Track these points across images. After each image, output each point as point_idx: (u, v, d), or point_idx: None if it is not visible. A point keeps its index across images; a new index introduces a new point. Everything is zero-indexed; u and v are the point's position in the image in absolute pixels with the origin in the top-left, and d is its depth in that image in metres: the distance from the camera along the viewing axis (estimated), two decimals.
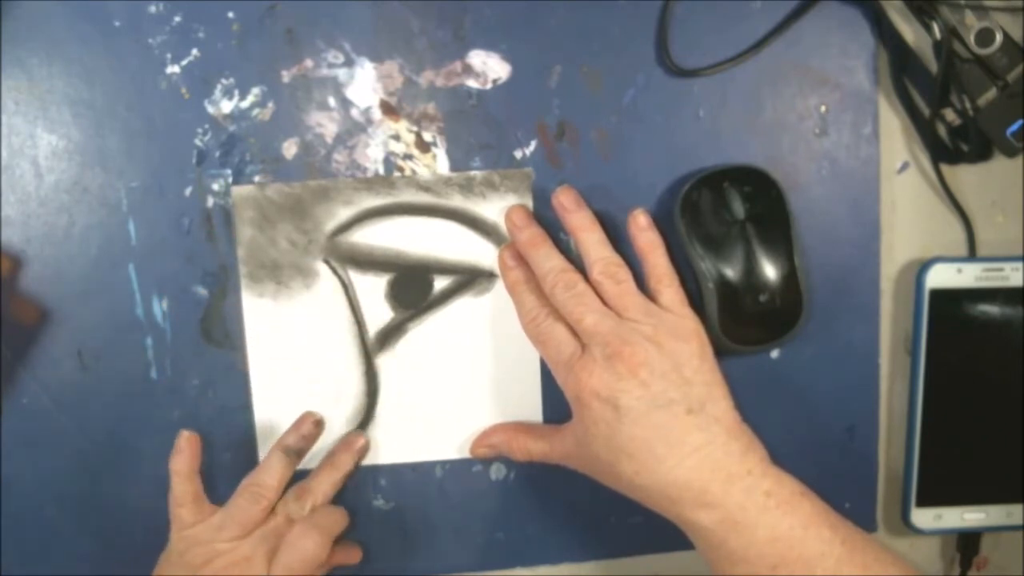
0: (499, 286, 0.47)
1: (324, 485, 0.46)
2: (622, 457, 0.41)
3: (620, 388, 0.41)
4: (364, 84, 0.46)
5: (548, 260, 0.44)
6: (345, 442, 0.47)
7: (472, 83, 0.46)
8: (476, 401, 0.48)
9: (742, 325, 0.46)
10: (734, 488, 0.40)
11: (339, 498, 0.47)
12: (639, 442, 0.40)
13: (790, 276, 0.45)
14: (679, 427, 0.40)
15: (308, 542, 0.43)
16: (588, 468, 0.44)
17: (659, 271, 0.44)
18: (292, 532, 0.43)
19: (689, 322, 0.43)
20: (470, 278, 0.47)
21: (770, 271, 0.45)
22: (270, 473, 0.45)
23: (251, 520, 0.44)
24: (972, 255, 0.50)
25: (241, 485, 0.45)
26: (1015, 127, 0.46)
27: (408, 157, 0.46)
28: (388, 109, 0.46)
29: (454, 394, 0.48)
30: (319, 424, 0.47)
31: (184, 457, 0.45)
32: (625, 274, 0.43)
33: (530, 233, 0.45)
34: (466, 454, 0.48)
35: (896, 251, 0.50)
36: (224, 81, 0.45)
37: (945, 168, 0.49)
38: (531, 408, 0.48)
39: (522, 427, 0.47)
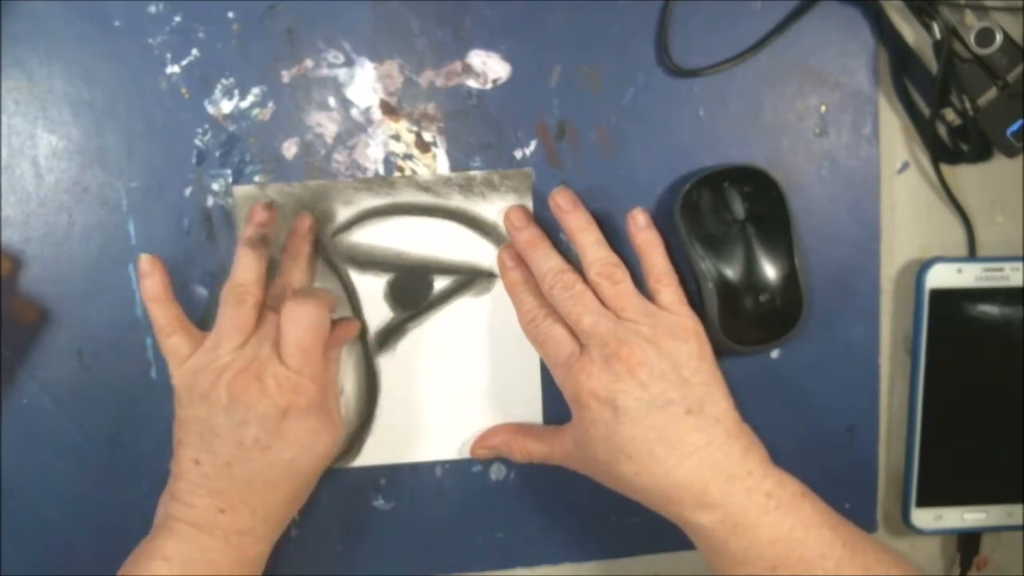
0: (499, 286, 0.47)
1: (294, 274, 0.45)
2: (621, 458, 0.41)
3: (618, 389, 0.41)
4: (364, 84, 0.46)
5: (547, 260, 0.44)
6: (292, 229, 0.45)
7: (472, 83, 0.46)
8: (476, 401, 0.48)
9: (742, 325, 0.46)
10: (734, 489, 0.40)
11: (339, 498, 0.47)
12: (638, 443, 0.40)
13: (790, 276, 0.45)
14: (678, 428, 0.40)
15: (305, 307, 0.42)
16: (588, 469, 0.44)
17: (658, 270, 0.44)
18: (285, 309, 0.42)
19: (688, 321, 0.43)
20: (470, 278, 0.47)
21: (770, 271, 0.45)
22: (244, 270, 0.43)
23: (244, 323, 0.42)
24: (972, 255, 0.50)
25: (222, 294, 0.43)
26: (1015, 127, 0.46)
27: (408, 157, 0.46)
28: (388, 109, 0.46)
29: (454, 394, 0.48)
30: (270, 207, 0.45)
31: (155, 280, 0.43)
32: (623, 274, 0.43)
33: (529, 233, 0.45)
34: (466, 454, 0.48)
35: (896, 251, 0.50)
36: (224, 81, 0.45)
37: (945, 168, 0.49)
38: (531, 408, 0.48)
39: (522, 428, 0.47)
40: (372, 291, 0.47)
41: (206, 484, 0.41)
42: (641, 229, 0.44)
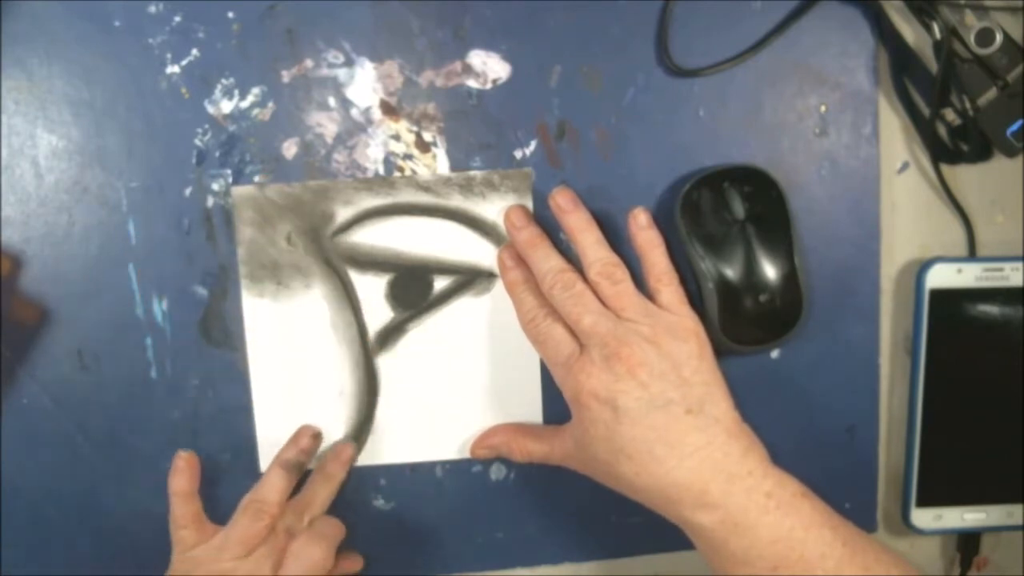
0: (499, 286, 0.47)
1: (320, 498, 0.46)
2: (621, 458, 0.41)
3: (618, 389, 0.41)
4: (364, 84, 0.46)
5: (547, 260, 0.44)
6: (334, 453, 0.47)
7: (472, 83, 0.46)
8: (476, 401, 0.48)
9: (742, 325, 0.46)
10: (734, 489, 0.40)
11: (339, 498, 0.47)
12: (638, 443, 0.40)
13: (790, 276, 0.45)
14: (678, 428, 0.40)
15: (315, 550, 0.43)
16: (588, 469, 0.44)
17: (658, 270, 0.44)
18: (297, 543, 0.43)
19: (688, 321, 0.43)
20: (470, 278, 0.47)
21: (770, 271, 0.45)
22: (271, 489, 0.45)
23: (254, 538, 0.43)
24: (972, 255, 0.50)
25: (242, 503, 0.44)
26: (1015, 127, 0.46)
27: (408, 157, 0.46)
28: (388, 109, 0.46)
29: (454, 394, 0.48)
30: (317, 437, 0.47)
31: (184, 477, 0.45)
32: (623, 274, 0.43)
33: (529, 233, 0.45)
34: (466, 454, 0.48)
35: (896, 251, 0.50)
36: (224, 81, 0.45)
37: (945, 168, 0.49)
38: (531, 408, 0.48)
39: (522, 428, 0.47)
40: (372, 291, 0.47)
41: None
42: (642, 228, 0.44)
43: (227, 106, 0.45)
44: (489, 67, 0.46)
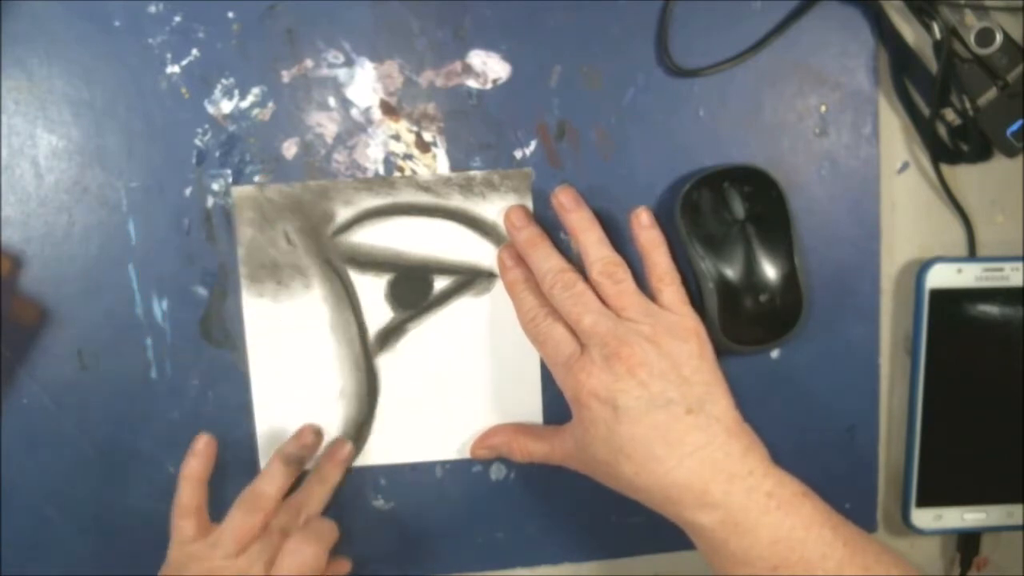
0: (499, 286, 0.47)
1: (315, 497, 0.46)
2: (621, 458, 0.41)
3: (618, 388, 0.41)
4: (364, 84, 0.46)
5: (547, 260, 0.44)
6: (329, 453, 0.47)
7: (472, 83, 0.46)
8: (476, 401, 0.48)
9: (742, 325, 0.46)
10: (735, 489, 0.40)
11: (339, 497, 0.47)
12: (638, 442, 0.40)
13: (790, 276, 0.45)
14: (678, 427, 0.40)
15: (308, 549, 0.43)
16: (588, 469, 0.44)
17: (660, 269, 0.44)
18: (290, 541, 0.43)
19: (689, 321, 0.43)
20: (470, 278, 0.47)
21: (770, 271, 0.45)
22: (269, 482, 0.45)
23: (248, 533, 0.43)
24: (972, 255, 0.50)
25: (240, 496, 0.45)
26: (1015, 127, 0.46)
27: (408, 157, 0.46)
28: (388, 109, 0.46)
29: (454, 394, 0.48)
30: (319, 434, 0.47)
31: (199, 462, 0.45)
32: (624, 273, 0.43)
33: (529, 233, 0.45)
34: (466, 454, 0.48)
35: (896, 251, 0.50)
36: (224, 81, 0.45)
37: (945, 168, 0.49)
38: (531, 408, 0.48)
39: (522, 428, 0.47)
40: (372, 291, 0.47)
41: None
42: (644, 228, 0.44)
43: (227, 106, 0.45)
44: (489, 67, 0.46)
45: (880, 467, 0.50)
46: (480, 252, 0.47)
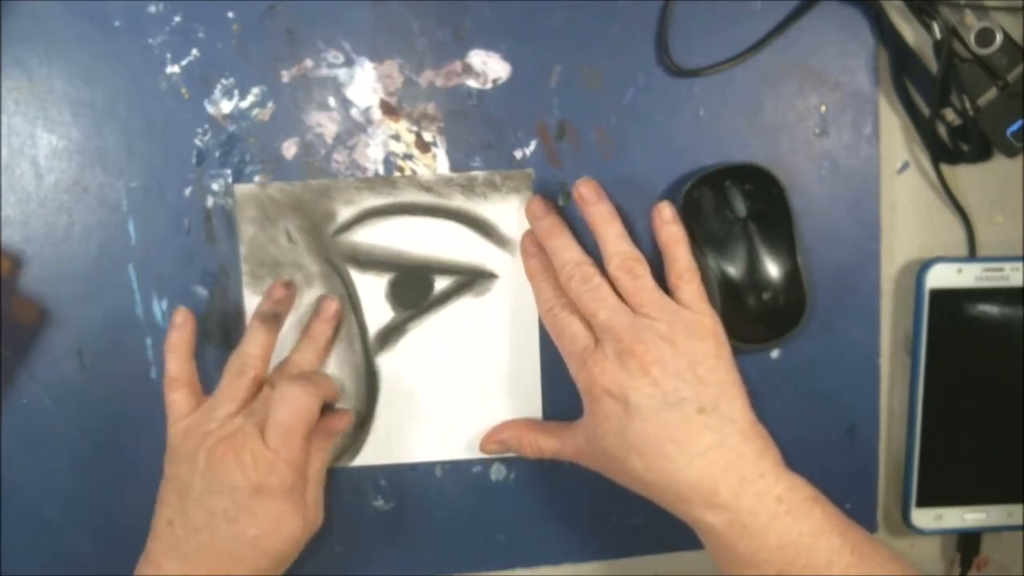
0: (499, 286, 0.47)
1: (307, 355, 0.45)
2: (632, 454, 0.41)
3: (631, 385, 0.40)
4: (364, 84, 0.46)
5: (566, 251, 0.44)
6: (317, 311, 0.46)
7: (472, 83, 0.46)
8: (476, 402, 0.48)
9: (745, 323, 0.46)
10: (745, 491, 0.40)
11: (339, 498, 0.47)
12: (649, 439, 0.40)
13: (792, 274, 0.45)
14: (690, 426, 0.40)
15: (295, 390, 0.42)
16: (599, 464, 0.44)
17: (680, 265, 0.44)
18: (277, 388, 0.42)
19: (707, 320, 0.43)
20: (471, 278, 0.47)
21: (772, 269, 0.45)
22: (252, 343, 0.44)
23: (240, 393, 0.43)
24: (972, 255, 0.50)
25: (227, 364, 0.44)
26: (1015, 127, 0.46)
27: (408, 157, 0.46)
28: (388, 109, 0.46)
29: (454, 394, 0.48)
30: (290, 286, 0.46)
31: (181, 333, 0.44)
32: (643, 269, 0.43)
33: (549, 222, 0.45)
34: (466, 454, 0.48)
35: (896, 251, 0.50)
36: (224, 81, 0.45)
37: (945, 168, 0.49)
38: (531, 409, 0.48)
39: (533, 424, 0.47)
40: (373, 291, 0.47)
41: (176, 547, 0.41)
42: (666, 223, 0.44)
43: (227, 106, 0.45)
44: (489, 67, 0.46)
45: (880, 467, 0.50)
46: (481, 253, 0.47)
